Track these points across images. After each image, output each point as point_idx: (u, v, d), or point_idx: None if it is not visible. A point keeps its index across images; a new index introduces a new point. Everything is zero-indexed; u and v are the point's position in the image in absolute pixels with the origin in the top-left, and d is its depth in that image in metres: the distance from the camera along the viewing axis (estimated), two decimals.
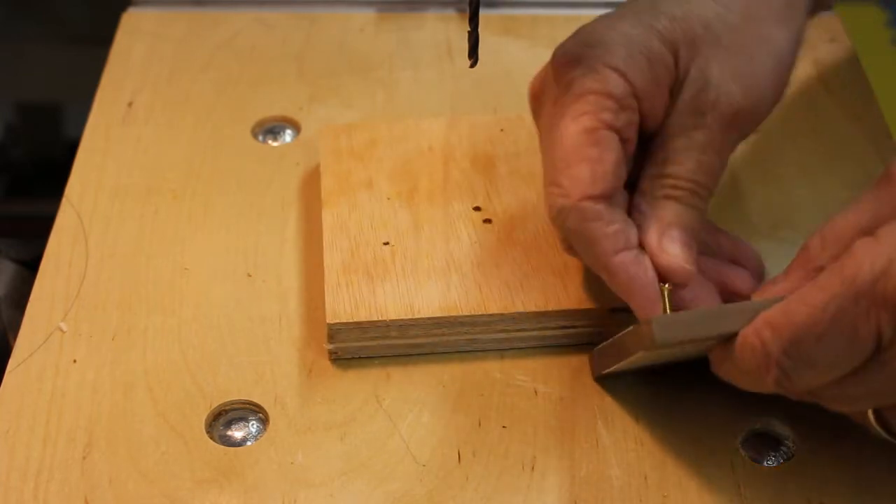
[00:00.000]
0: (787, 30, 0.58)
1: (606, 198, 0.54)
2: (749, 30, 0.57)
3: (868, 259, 0.45)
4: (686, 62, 0.56)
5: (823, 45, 0.78)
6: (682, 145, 0.55)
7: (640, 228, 0.55)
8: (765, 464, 0.54)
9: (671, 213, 0.55)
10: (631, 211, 0.55)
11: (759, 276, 0.58)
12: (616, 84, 0.54)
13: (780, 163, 0.70)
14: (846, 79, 0.75)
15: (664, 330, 0.49)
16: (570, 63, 0.55)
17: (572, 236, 0.55)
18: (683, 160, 0.55)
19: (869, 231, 0.47)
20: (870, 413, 0.50)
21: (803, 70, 0.76)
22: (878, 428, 0.50)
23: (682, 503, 0.52)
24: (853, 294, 0.45)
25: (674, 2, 0.57)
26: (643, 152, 0.57)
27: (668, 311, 0.53)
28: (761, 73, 0.56)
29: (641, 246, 0.54)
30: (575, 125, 0.54)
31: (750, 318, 0.48)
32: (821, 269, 0.49)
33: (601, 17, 0.57)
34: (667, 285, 0.53)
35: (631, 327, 0.52)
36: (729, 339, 0.49)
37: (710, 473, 0.53)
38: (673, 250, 0.54)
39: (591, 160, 0.53)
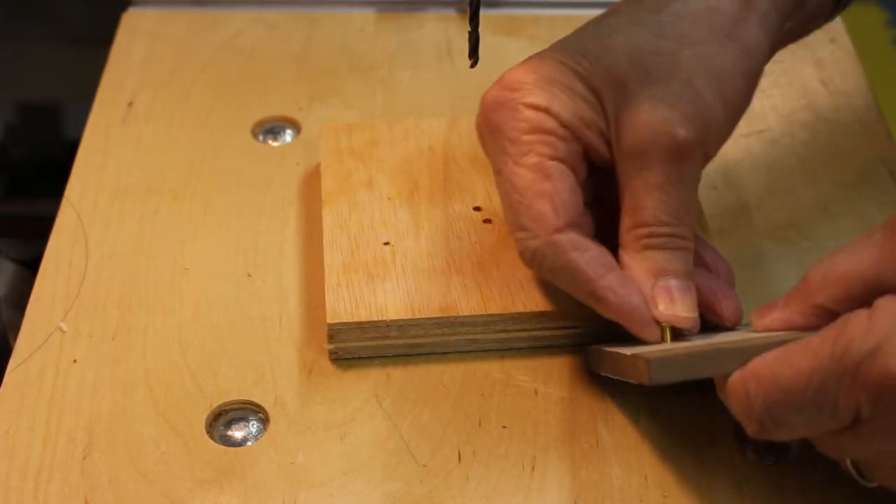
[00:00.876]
0: (734, 48, 0.56)
1: (572, 226, 0.54)
2: (686, 53, 0.55)
3: (858, 338, 0.45)
4: (613, 104, 0.55)
5: (823, 45, 0.78)
6: (640, 188, 0.55)
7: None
8: (765, 464, 0.54)
9: (656, 264, 0.55)
10: (621, 267, 0.55)
11: (731, 282, 0.58)
12: (545, 120, 0.55)
13: (780, 162, 0.70)
14: (846, 79, 0.75)
15: (660, 371, 0.50)
16: (493, 108, 0.56)
17: (552, 275, 0.55)
18: (647, 204, 0.54)
19: (870, 284, 0.48)
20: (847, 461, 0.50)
21: (803, 70, 0.76)
22: (851, 470, 0.50)
23: (681, 503, 0.52)
24: (838, 371, 0.45)
25: (597, 37, 0.56)
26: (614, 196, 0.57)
27: (668, 339, 0.54)
28: (704, 97, 0.54)
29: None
30: (520, 166, 0.55)
31: (744, 361, 0.49)
32: (818, 306, 0.49)
33: (524, 62, 0.57)
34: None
35: (629, 354, 0.52)
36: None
37: (710, 473, 0.53)
38: (669, 310, 0.54)
39: (548, 195, 0.54)
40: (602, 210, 0.58)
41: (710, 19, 0.56)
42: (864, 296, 0.48)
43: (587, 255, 0.54)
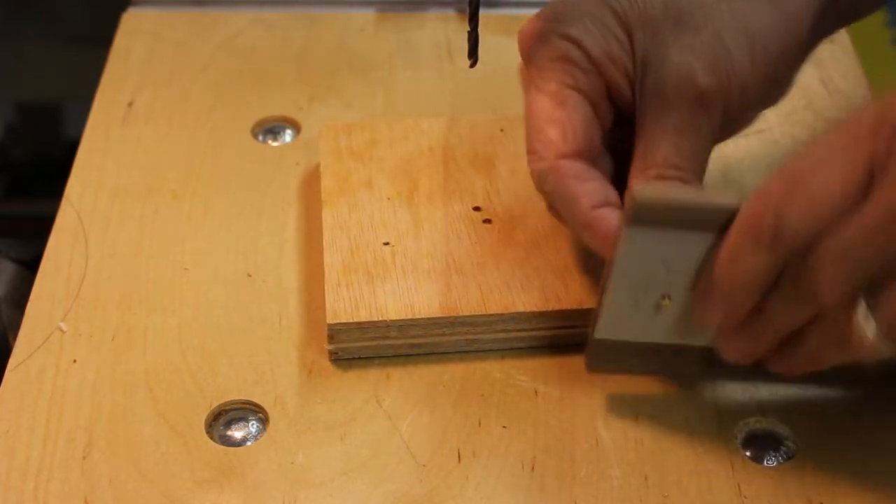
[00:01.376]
0: (772, 11, 0.56)
1: (581, 155, 0.55)
2: (722, 7, 0.55)
3: (871, 110, 0.46)
4: (643, 45, 0.55)
5: (823, 45, 0.77)
6: (657, 131, 0.55)
7: None
8: (765, 464, 0.54)
9: None
10: None
11: None
12: (573, 50, 0.55)
13: (780, 163, 0.69)
14: (846, 79, 0.75)
15: (646, 193, 0.50)
16: (529, 37, 0.57)
17: (555, 199, 0.56)
18: (661, 146, 0.55)
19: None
20: (864, 324, 0.48)
21: (803, 70, 0.76)
22: (864, 328, 0.47)
23: (682, 503, 0.52)
24: (853, 134, 0.46)
25: None
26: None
27: None
28: (731, 51, 0.55)
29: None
30: (541, 93, 0.56)
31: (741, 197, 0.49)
32: None
33: None
34: None
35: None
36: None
37: (710, 473, 0.53)
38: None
39: (560, 121, 0.55)
40: (625, 159, 0.57)
41: None
42: None
43: (588, 185, 0.54)
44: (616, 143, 0.58)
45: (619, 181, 0.56)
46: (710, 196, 0.51)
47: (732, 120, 0.57)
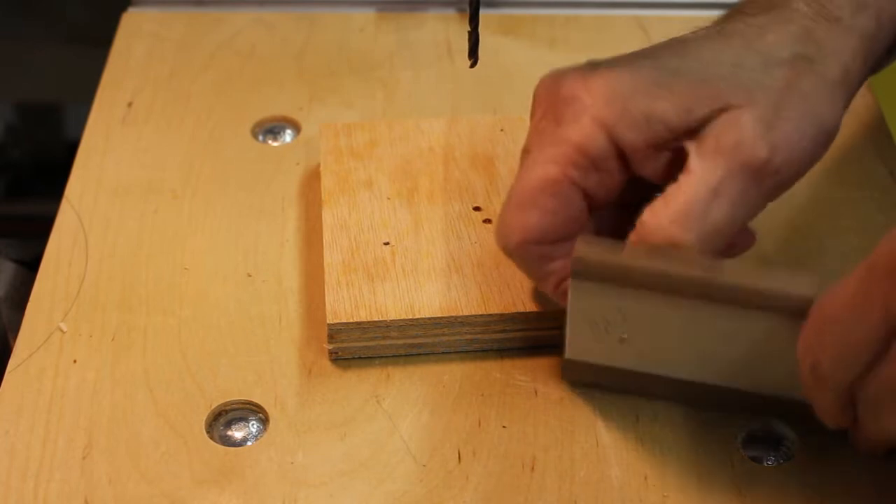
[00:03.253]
0: (833, 106, 0.53)
1: (554, 241, 0.53)
2: (792, 97, 0.52)
3: (889, 245, 0.44)
4: (705, 115, 0.52)
5: None
6: (697, 185, 0.51)
7: None
8: (765, 464, 0.54)
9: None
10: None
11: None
12: (597, 143, 0.52)
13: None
14: None
15: (587, 246, 0.50)
16: (565, 101, 0.53)
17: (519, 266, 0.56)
18: (693, 202, 0.50)
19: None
20: None
21: None
22: None
23: (682, 503, 0.52)
24: (878, 277, 0.45)
25: (699, 63, 0.53)
26: None
27: None
28: (798, 138, 0.52)
29: None
30: (542, 169, 0.52)
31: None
32: None
33: (621, 59, 0.54)
34: None
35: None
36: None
37: (710, 473, 0.53)
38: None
39: (545, 210, 0.52)
40: (623, 214, 0.55)
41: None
42: None
43: (554, 264, 0.53)
44: (626, 197, 0.55)
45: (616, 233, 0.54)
46: (649, 259, 0.50)
47: (773, 198, 0.54)
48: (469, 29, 0.59)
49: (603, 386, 0.56)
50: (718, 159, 0.51)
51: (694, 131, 0.52)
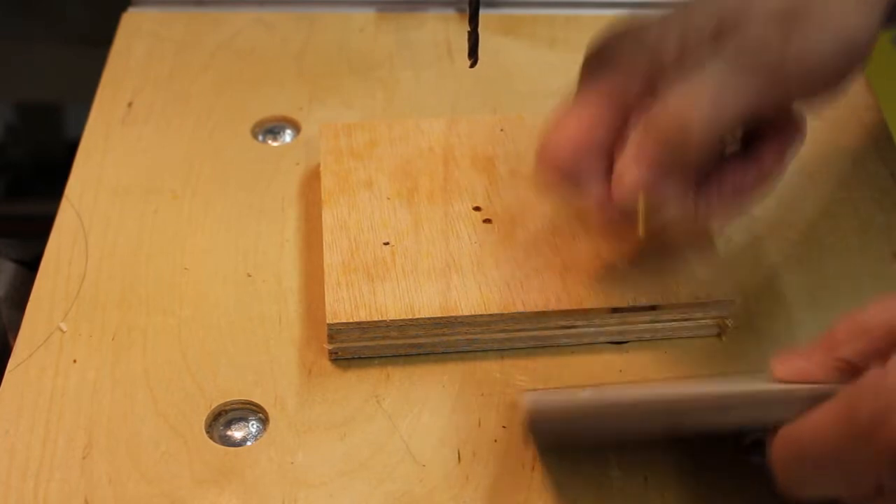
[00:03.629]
0: (861, 18, 0.52)
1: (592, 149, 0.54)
2: (813, 7, 0.51)
3: (870, 399, 0.43)
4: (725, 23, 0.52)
5: None
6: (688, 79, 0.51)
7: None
8: (765, 464, 0.54)
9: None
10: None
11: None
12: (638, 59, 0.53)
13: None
14: None
15: (533, 405, 0.51)
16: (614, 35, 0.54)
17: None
18: (679, 91, 0.51)
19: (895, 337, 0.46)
20: None
21: None
22: None
23: (681, 503, 0.52)
24: (854, 436, 0.43)
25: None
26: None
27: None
28: (816, 47, 0.51)
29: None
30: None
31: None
32: (842, 360, 0.47)
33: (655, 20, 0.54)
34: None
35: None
36: None
37: (710, 473, 0.53)
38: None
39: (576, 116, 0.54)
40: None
41: None
42: (890, 349, 0.45)
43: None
44: None
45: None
46: (601, 407, 0.51)
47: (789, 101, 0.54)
48: (469, 29, 0.59)
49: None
50: (731, 60, 0.50)
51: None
